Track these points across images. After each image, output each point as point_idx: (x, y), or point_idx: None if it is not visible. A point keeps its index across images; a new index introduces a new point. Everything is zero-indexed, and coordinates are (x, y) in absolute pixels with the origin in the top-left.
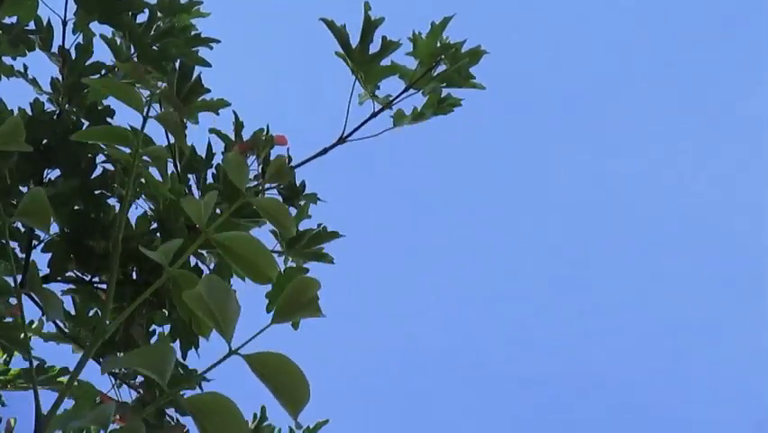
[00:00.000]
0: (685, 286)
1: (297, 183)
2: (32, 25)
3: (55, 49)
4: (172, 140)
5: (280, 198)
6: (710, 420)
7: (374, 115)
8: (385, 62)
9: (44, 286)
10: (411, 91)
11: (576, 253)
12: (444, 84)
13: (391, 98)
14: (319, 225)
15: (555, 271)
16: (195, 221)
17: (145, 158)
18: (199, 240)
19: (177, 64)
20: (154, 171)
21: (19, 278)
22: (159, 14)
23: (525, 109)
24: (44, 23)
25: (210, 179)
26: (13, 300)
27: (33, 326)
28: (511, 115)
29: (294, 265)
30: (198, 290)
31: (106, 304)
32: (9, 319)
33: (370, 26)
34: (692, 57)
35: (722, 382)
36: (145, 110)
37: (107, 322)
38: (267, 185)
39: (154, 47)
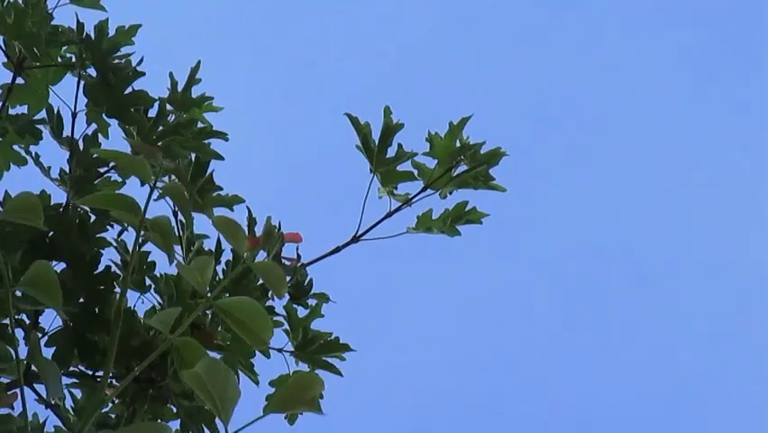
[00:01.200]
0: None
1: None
2: (41, 114)
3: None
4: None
5: (287, 296)
6: None
7: (390, 214)
8: (402, 167)
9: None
10: (429, 191)
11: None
12: (464, 186)
13: (410, 196)
14: (331, 333)
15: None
16: (195, 287)
17: None
18: (200, 305)
19: (192, 157)
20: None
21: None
22: (169, 108)
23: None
24: (54, 113)
25: (220, 275)
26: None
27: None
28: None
29: (302, 369)
30: (197, 370)
31: (102, 385)
32: (4, 410)
33: (389, 131)
34: None
35: None
36: (153, 181)
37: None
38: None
39: (158, 144)
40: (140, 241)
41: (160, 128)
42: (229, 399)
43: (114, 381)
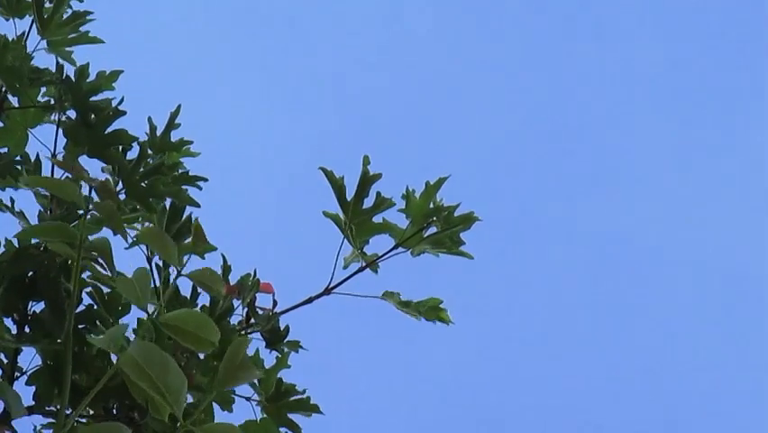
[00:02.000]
0: None
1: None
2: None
3: None
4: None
5: (263, 342)
6: None
7: (360, 270)
8: (376, 218)
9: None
10: (399, 249)
11: None
12: (437, 247)
13: (378, 256)
14: (304, 390)
15: None
16: (133, 303)
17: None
18: (145, 324)
19: (167, 203)
20: None
21: None
22: (149, 151)
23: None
24: (32, 159)
25: None
26: None
27: None
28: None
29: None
30: (131, 353)
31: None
32: None
33: (367, 181)
34: None
35: None
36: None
37: None
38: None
39: (143, 183)
40: (80, 267)
41: (141, 169)
42: (175, 386)
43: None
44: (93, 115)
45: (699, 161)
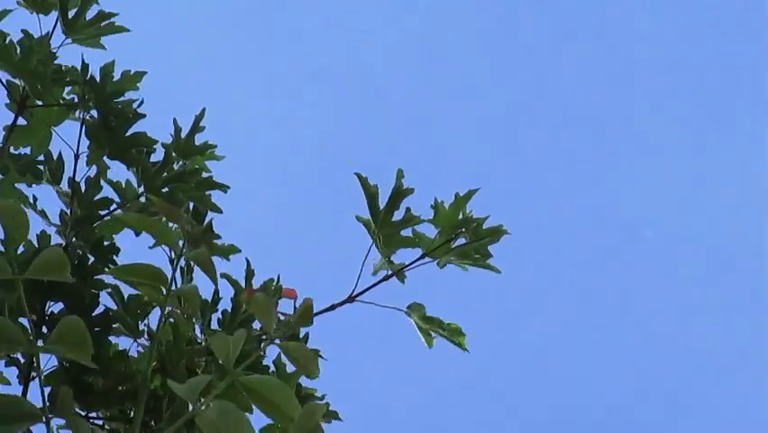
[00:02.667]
0: None
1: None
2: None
3: (64, 182)
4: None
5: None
6: None
7: (385, 278)
8: (405, 231)
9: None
10: (426, 259)
11: None
12: (464, 259)
13: (404, 265)
14: (323, 396)
15: None
16: (221, 359)
17: None
18: (226, 380)
19: (190, 207)
20: None
21: None
22: (173, 155)
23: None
24: (54, 158)
25: (215, 324)
26: None
27: None
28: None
29: None
30: (210, 414)
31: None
32: None
33: (399, 195)
34: None
35: None
36: (180, 248)
37: None
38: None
39: (163, 190)
40: (165, 313)
41: (165, 174)
42: None
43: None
44: (113, 117)
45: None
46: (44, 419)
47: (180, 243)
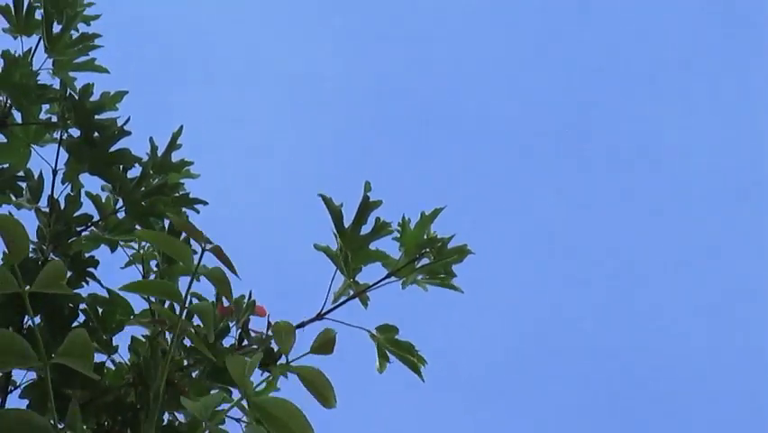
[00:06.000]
0: None
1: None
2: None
3: (44, 200)
4: None
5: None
6: None
7: (350, 298)
8: (373, 245)
9: None
10: (391, 279)
11: None
12: (426, 278)
13: (369, 285)
14: None
15: None
16: (236, 381)
17: None
18: (237, 401)
19: (166, 223)
20: None
21: None
22: (150, 171)
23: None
24: (35, 176)
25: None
26: None
27: None
28: None
29: None
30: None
31: None
32: None
33: (366, 207)
34: None
35: None
36: (195, 267)
37: None
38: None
39: (143, 203)
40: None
41: (142, 189)
42: None
43: None
44: (97, 134)
45: None
46: None
47: (195, 260)
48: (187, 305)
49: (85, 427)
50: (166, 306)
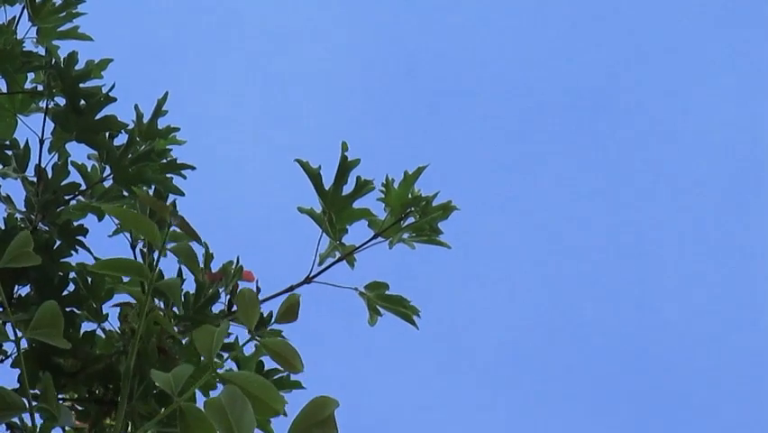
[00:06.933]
0: None
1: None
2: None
3: (31, 169)
4: None
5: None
6: None
7: (336, 261)
8: (357, 203)
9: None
10: (378, 240)
11: None
12: (413, 236)
13: (356, 247)
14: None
15: None
16: (202, 353)
17: None
18: (206, 375)
19: (152, 190)
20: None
21: None
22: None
23: None
24: (21, 145)
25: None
26: None
27: None
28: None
29: None
30: (219, 399)
31: (116, 426)
32: None
33: (345, 167)
34: None
35: None
36: (163, 242)
37: None
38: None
39: (131, 169)
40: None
41: (129, 156)
42: (247, 428)
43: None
44: (83, 101)
45: None
46: (28, 409)
47: (162, 237)
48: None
49: (76, 395)
50: None
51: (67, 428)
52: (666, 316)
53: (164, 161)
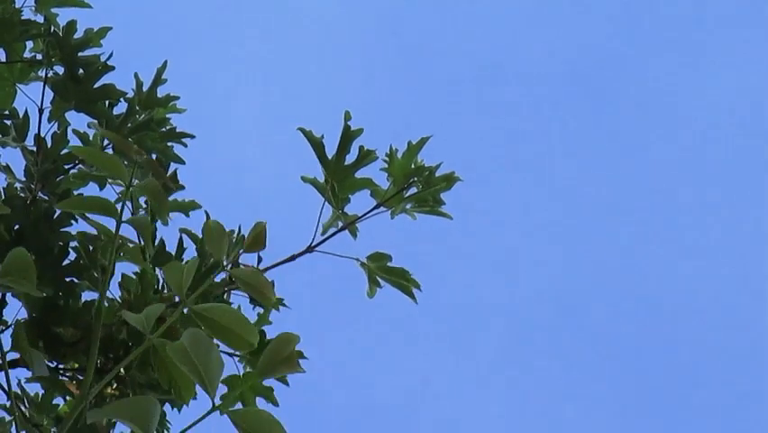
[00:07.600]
0: None
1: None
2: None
3: (30, 138)
4: None
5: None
6: None
7: (339, 231)
8: (359, 173)
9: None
10: (380, 209)
11: None
12: (415, 206)
13: (358, 216)
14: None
15: None
16: (174, 289)
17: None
18: (179, 309)
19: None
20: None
21: None
22: (137, 108)
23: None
24: (20, 115)
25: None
26: None
27: None
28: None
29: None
30: (182, 342)
31: (83, 386)
32: None
33: (348, 136)
34: None
35: None
36: (129, 180)
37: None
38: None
39: (130, 138)
40: (117, 246)
41: (129, 125)
42: (214, 371)
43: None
44: (81, 70)
45: None
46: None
47: (129, 174)
48: (124, 219)
49: (77, 365)
50: None
51: (68, 398)
52: (680, 271)
53: (164, 129)
